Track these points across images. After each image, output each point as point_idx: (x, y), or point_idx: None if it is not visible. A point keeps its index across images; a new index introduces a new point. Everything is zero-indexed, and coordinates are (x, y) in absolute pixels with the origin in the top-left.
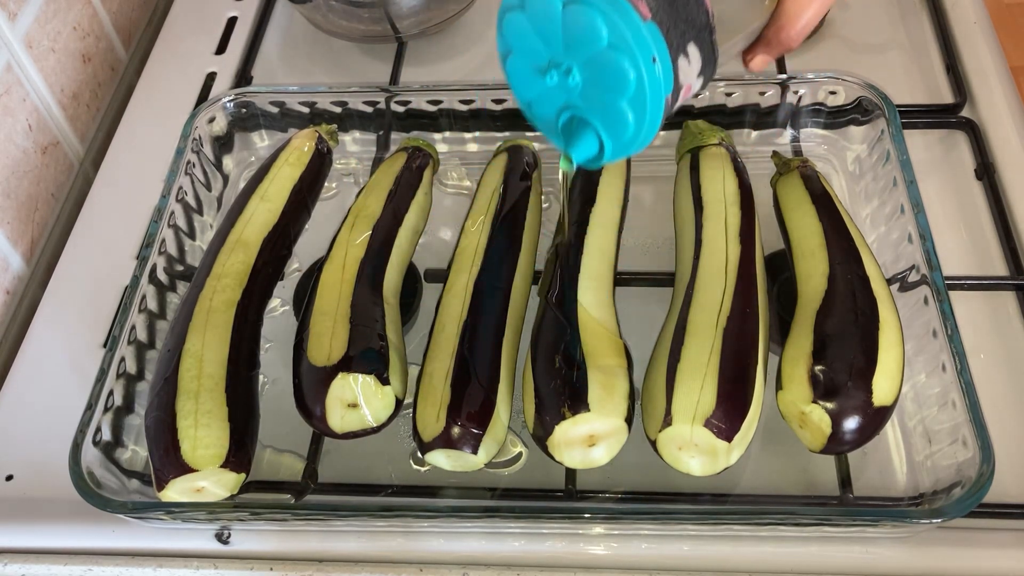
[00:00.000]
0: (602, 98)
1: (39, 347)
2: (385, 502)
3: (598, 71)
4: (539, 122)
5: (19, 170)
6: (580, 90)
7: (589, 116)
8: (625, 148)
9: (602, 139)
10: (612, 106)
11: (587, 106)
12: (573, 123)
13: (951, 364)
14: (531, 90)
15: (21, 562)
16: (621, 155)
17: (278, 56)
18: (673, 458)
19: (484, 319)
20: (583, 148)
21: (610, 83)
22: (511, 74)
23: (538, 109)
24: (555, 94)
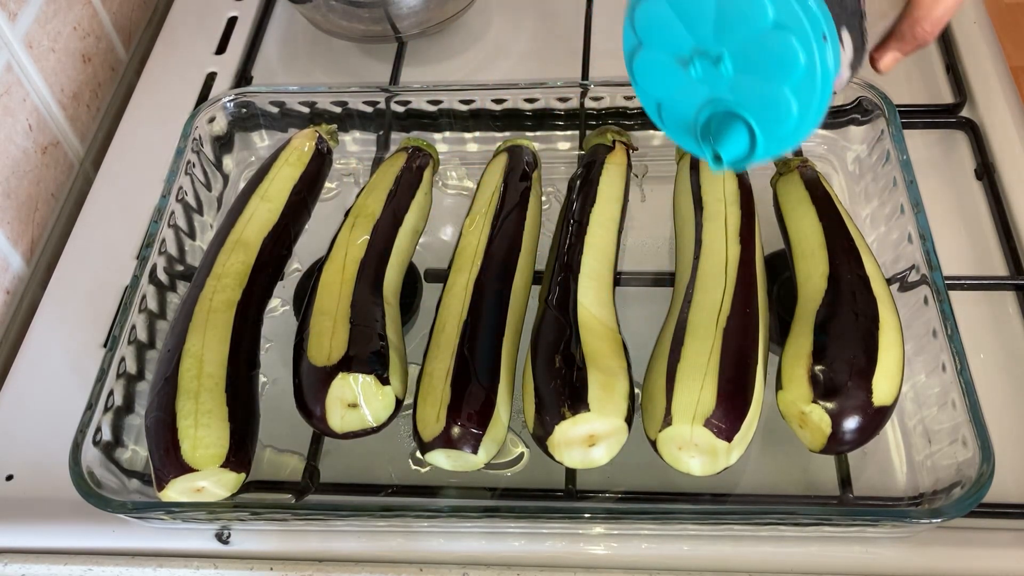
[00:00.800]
0: (759, 86)
1: (39, 347)
2: (385, 502)
3: (757, 55)
4: (671, 123)
5: (19, 170)
6: (731, 80)
7: (740, 109)
8: (782, 142)
9: (755, 133)
10: (772, 94)
11: (738, 97)
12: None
13: (951, 364)
14: (665, 87)
15: (21, 562)
16: (776, 151)
17: (278, 56)
18: (673, 458)
19: (484, 319)
20: (733, 145)
21: (772, 68)
22: (641, 71)
23: (673, 108)
24: (697, 88)
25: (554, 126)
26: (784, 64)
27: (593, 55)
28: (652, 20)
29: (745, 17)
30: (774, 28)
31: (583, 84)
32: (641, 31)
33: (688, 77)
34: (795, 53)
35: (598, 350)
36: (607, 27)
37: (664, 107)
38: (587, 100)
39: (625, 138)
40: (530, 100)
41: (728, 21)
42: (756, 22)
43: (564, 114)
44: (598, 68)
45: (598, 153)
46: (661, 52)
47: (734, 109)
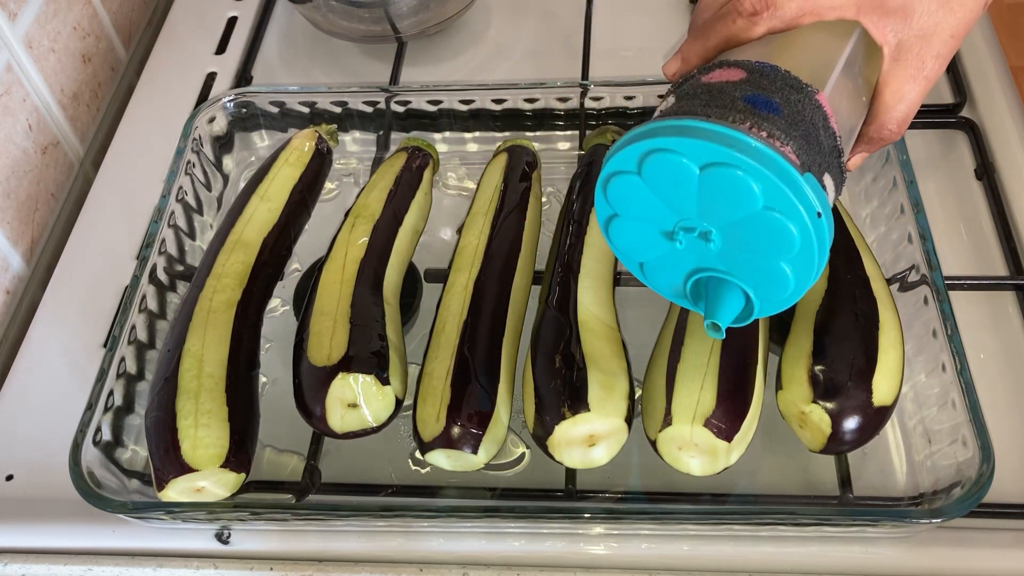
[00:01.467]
0: (753, 259)
1: (39, 347)
2: (385, 502)
3: (749, 233)
4: (657, 282)
5: (19, 170)
6: (720, 252)
7: (733, 278)
8: (781, 304)
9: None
10: (767, 267)
11: (730, 268)
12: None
13: (951, 364)
14: (647, 254)
15: (21, 562)
16: (775, 310)
17: (278, 56)
18: (673, 458)
19: (484, 319)
20: (728, 310)
21: (766, 244)
22: (617, 238)
23: (657, 272)
24: (683, 257)
25: (554, 126)
26: (779, 242)
27: (593, 55)
28: (628, 195)
29: (732, 200)
30: (764, 210)
31: (583, 84)
32: (616, 203)
33: (673, 247)
34: (789, 232)
35: (598, 350)
36: (607, 27)
37: (647, 269)
38: (587, 100)
39: None
40: (530, 100)
41: (713, 203)
42: (744, 206)
43: (564, 114)
44: (598, 68)
45: (598, 153)
46: (640, 222)
47: (726, 278)
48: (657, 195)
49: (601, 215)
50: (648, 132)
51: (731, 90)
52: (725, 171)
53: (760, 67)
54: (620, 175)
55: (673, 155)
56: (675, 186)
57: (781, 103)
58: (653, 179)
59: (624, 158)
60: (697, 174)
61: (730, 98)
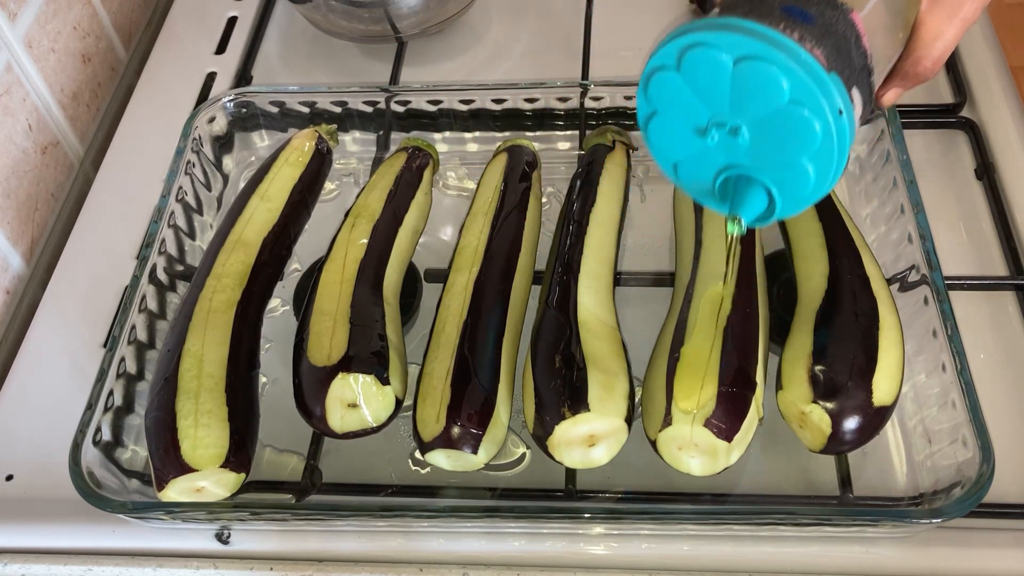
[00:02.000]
0: (778, 155)
1: (39, 347)
2: (385, 502)
3: (775, 128)
4: (688, 182)
5: (19, 170)
6: (748, 148)
7: (758, 174)
8: (801, 203)
9: (773, 196)
10: (790, 162)
11: (756, 164)
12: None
13: (951, 364)
14: (681, 151)
15: (21, 562)
16: (795, 210)
17: (278, 56)
18: (673, 458)
19: (484, 319)
20: (752, 207)
21: (790, 139)
22: (655, 136)
23: (689, 170)
24: (714, 154)
25: (554, 126)
26: (802, 137)
27: (593, 55)
28: (666, 91)
29: (761, 94)
30: (791, 104)
31: (583, 84)
32: (655, 100)
33: (704, 144)
34: (812, 128)
35: (598, 350)
36: (607, 27)
37: (680, 168)
38: (587, 100)
39: (625, 138)
40: (530, 100)
41: (744, 97)
42: (773, 99)
43: (564, 114)
44: (598, 68)
45: (598, 153)
46: (676, 120)
47: (752, 175)
48: (693, 90)
49: (641, 114)
50: (688, 29)
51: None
52: (756, 64)
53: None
54: (660, 71)
55: (710, 49)
56: (710, 80)
57: (815, 15)
58: (691, 73)
59: (665, 54)
60: (731, 68)
61: (769, 7)
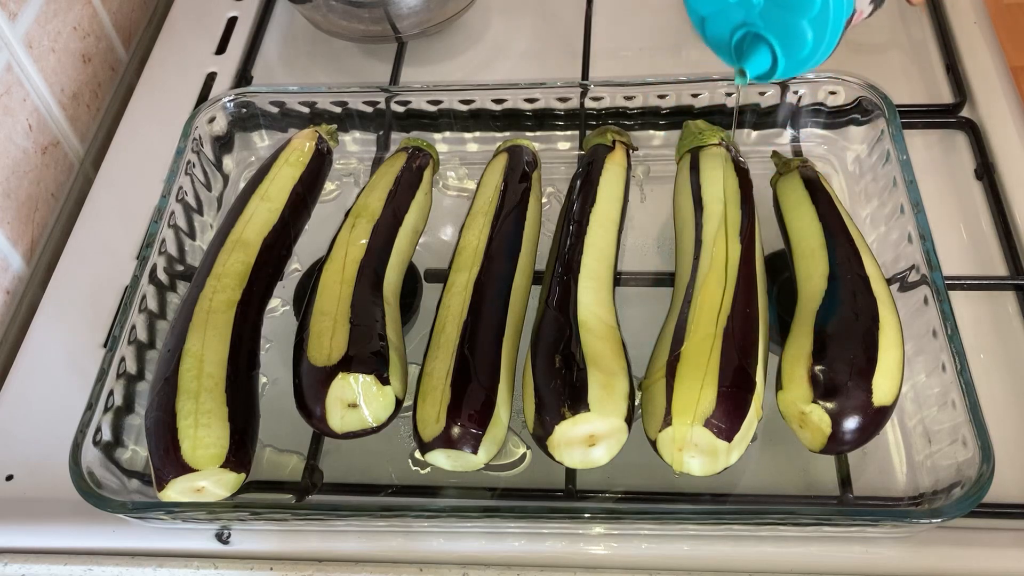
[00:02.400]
0: (783, 17)
1: (39, 347)
2: (385, 502)
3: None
4: (711, 38)
5: (19, 170)
6: (761, 8)
7: (766, 33)
8: (799, 65)
9: (776, 55)
10: (792, 25)
11: (765, 24)
12: (747, 40)
13: (951, 364)
14: (708, 7)
15: (21, 562)
16: (793, 72)
17: (278, 56)
18: (673, 458)
19: (484, 319)
20: (757, 63)
21: (793, 3)
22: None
23: (712, 26)
24: (733, 12)
25: (554, 126)
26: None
27: (593, 55)
28: None
29: None
30: None
31: (583, 84)
32: None
33: (726, 2)
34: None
35: (598, 350)
36: (607, 27)
37: (707, 23)
38: (587, 100)
39: (625, 138)
40: (530, 100)
41: None
42: None
43: (564, 114)
44: (598, 68)
45: (598, 153)
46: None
47: (761, 33)
48: None
49: None
50: None
51: None
52: None
53: None
54: None
55: None
56: None
57: None
58: None
59: None
60: None
61: None
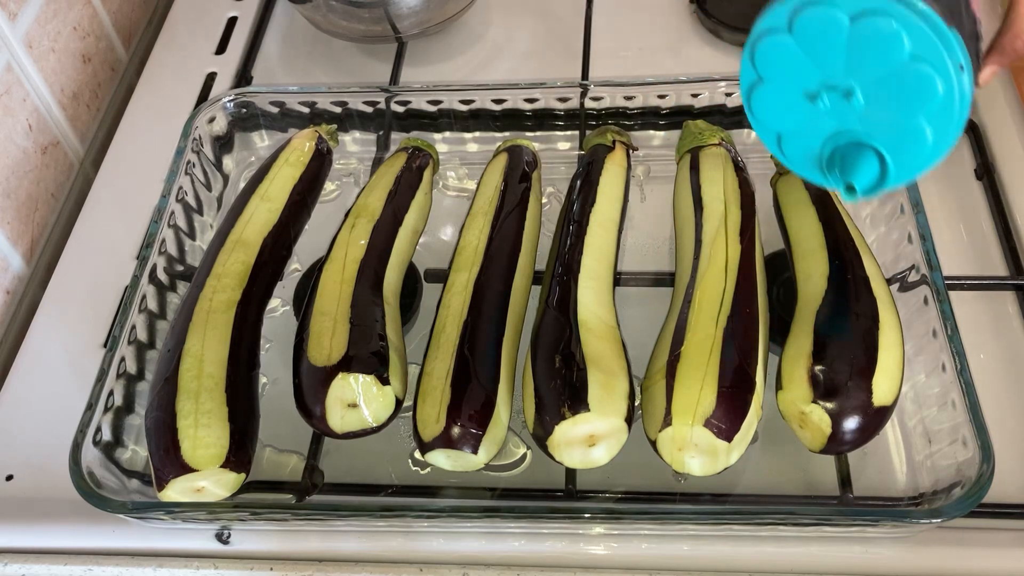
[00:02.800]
0: (893, 116)
1: (39, 347)
2: (385, 502)
3: (892, 87)
4: (793, 154)
5: (19, 170)
6: (862, 111)
7: (871, 139)
8: (915, 168)
9: (886, 162)
10: (906, 123)
11: (869, 128)
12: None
13: (951, 364)
14: (788, 121)
15: (21, 562)
16: (908, 177)
17: (278, 56)
18: (673, 458)
19: (484, 319)
20: (864, 174)
21: (908, 98)
22: (760, 106)
23: (794, 140)
24: (822, 121)
25: (554, 126)
26: (921, 95)
27: (593, 55)
28: (776, 55)
29: (880, 51)
30: (911, 61)
31: (583, 84)
32: (762, 66)
33: (814, 110)
34: (933, 84)
35: (598, 350)
36: (607, 27)
37: (785, 139)
38: (587, 100)
39: (625, 138)
40: (530, 100)
41: (860, 55)
42: (892, 56)
43: (564, 114)
44: (598, 68)
45: (598, 153)
46: (784, 87)
47: (864, 140)
48: (805, 52)
49: (745, 83)
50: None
51: None
52: (875, 20)
53: None
54: (770, 34)
55: (826, 6)
56: (824, 40)
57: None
58: (803, 34)
59: (776, 16)
60: (848, 25)
61: None
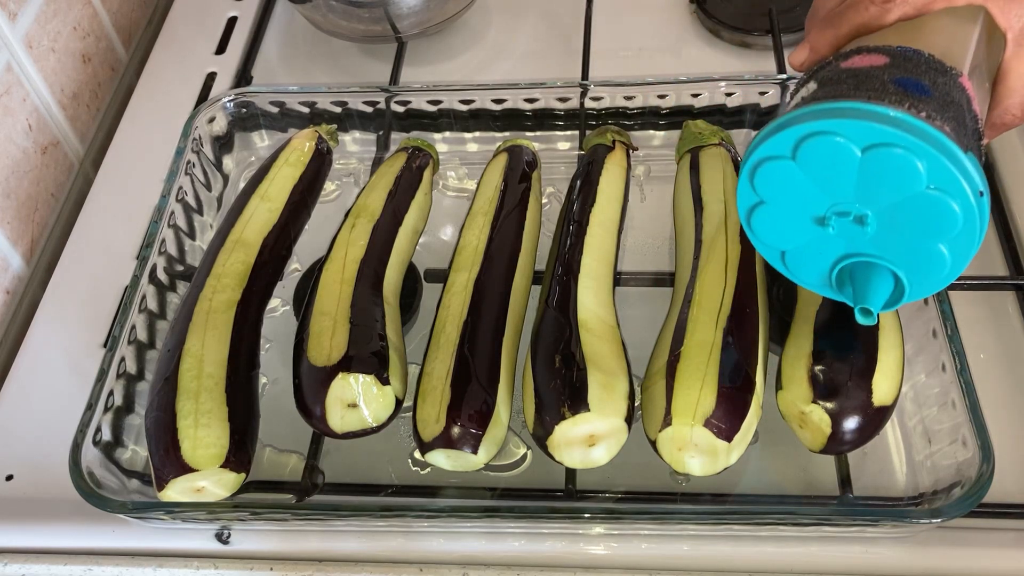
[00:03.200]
0: (909, 241)
1: (39, 347)
2: (385, 502)
3: (908, 214)
4: (799, 272)
5: (19, 170)
6: (875, 236)
7: (886, 262)
8: (933, 286)
9: (900, 280)
10: (923, 248)
11: (883, 251)
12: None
13: (951, 364)
14: (791, 241)
15: (21, 562)
16: (927, 293)
17: (278, 56)
18: (673, 458)
19: (484, 319)
20: (879, 294)
21: (926, 225)
22: (760, 226)
23: (801, 259)
24: (832, 243)
25: (554, 126)
26: (940, 223)
27: (593, 55)
28: (778, 181)
29: (894, 181)
30: (928, 190)
31: (583, 84)
32: (763, 190)
33: (822, 233)
34: (952, 213)
35: (598, 350)
36: (607, 27)
37: (790, 257)
38: (587, 100)
39: (625, 138)
40: (530, 100)
41: (873, 184)
42: (907, 185)
43: (564, 114)
44: (598, 68)
45: (598, 153)
46: (788, 210)
47: (879, 263)
48: (812, 180)
49: (744, 204)
50: (803, 116)
51: (879, 74)
52: (890, 152)
53: (903, 51)
54: (772, 161)
55: (834, 138)
56: (833, 169)
57: (931, 86)
58: (809, 163)
59: (777, 143)
60: (859, 156)
61: (880, 81)
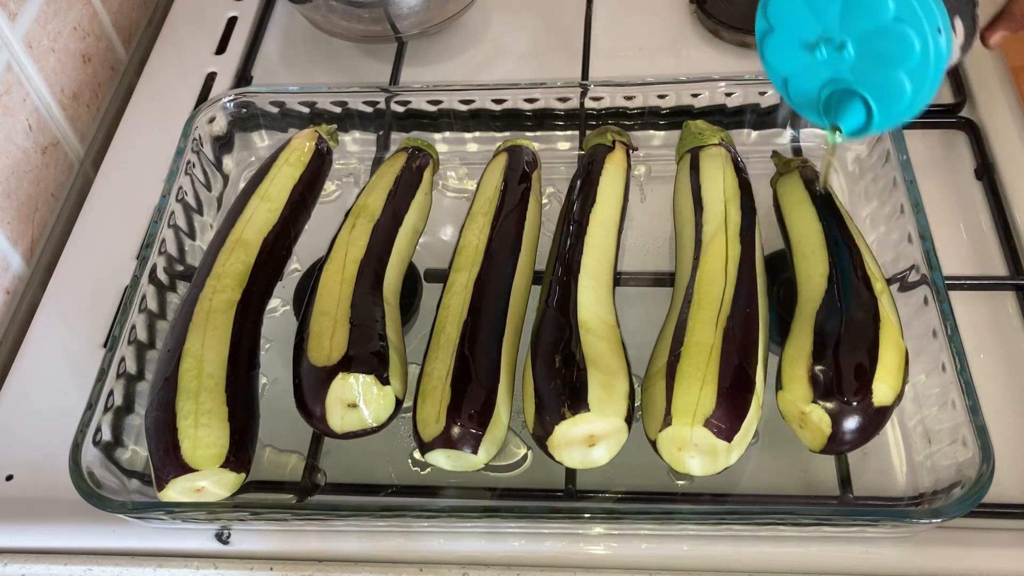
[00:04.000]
0: (877, 70)
1: (39, 347)
2: (385, 502)
3: (877, 44)
4: (795, 98)
5: (19, 170)
6: (852, 63)
7: (859, 88)
8: (896, 117)
9: (872, 109)
10: (888, 77)
11: (858, 78)
12: (836, 96)
13: (951, 364)
14: (792, 67)
15: (21, 562)
16: (891, 124)
17: (278, 56)
18: (673, 458)
19: (484, 319)
20: (851, 119)
21: (890, 55)
22: (770, 52)
23: (797, 84)
24: (820, 69)
25: (554, 126)
26: (901, 52)
27: (593, 55)
28: (783, 8)
29: (868, 11)
30: (894, 21)
31: (583, 84)
32: (773, 18)
33: (813, 59)
34: (912, 44)
35: (598, 350)
36: (607, 27)
37: (790, 83)
38: (587, 100)
39: (625, 138)
40: (530, 100)
41: (852, 14)
42: (878, 16)
43: (564, 114)
44: (598, 68)
45: (598, 153)
46: (790, 37)
47: (854, 88)
48: (807, 6)
49: (759, 32)
50: None
51: None
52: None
53: None
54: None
55: None
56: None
57: None
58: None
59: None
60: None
61: None
